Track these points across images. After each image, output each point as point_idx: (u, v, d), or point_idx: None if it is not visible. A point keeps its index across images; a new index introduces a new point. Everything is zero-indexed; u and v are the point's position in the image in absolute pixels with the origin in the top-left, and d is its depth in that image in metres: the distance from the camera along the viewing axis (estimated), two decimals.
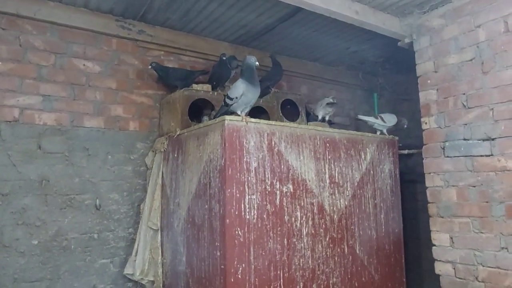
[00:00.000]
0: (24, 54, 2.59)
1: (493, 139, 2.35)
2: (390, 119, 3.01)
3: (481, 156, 2.41)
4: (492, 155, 2.36)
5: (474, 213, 2.44)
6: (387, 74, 4.23)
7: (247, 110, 2.29)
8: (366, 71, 4.28)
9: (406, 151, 3.16)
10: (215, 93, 2.84)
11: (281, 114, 3.15)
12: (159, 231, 2.71)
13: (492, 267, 2.34)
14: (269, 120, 2.92)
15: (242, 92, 2.20)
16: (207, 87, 2.88)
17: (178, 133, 2.60)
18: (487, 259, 2.37)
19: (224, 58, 2.97)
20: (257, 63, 2.21)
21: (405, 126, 3.17)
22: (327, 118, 3.23)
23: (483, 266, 2.39)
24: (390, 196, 2.89)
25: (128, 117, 2.94)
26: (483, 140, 2.40)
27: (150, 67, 2.89)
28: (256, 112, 3.00)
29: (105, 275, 2.71)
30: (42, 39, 2.66)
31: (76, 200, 2.66)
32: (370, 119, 2.99)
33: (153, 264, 2.68)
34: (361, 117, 3.06)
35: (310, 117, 3.30)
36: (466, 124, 2.50)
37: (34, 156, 2.54)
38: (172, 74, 2.95)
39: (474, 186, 2.45)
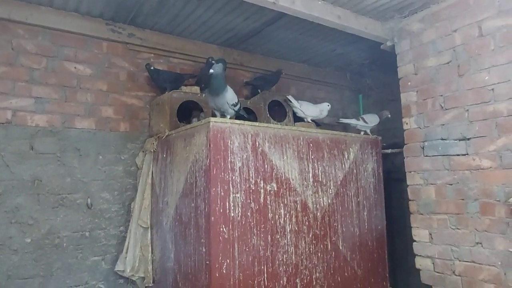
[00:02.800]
0: (16, 57, 2.66)
1: (468, 139, 2.46)
2: (372, 120, 3.10)
3: (457, 155, 2.52)
4: (467, 154, 2.46)
5: (451, 210, 2.55)
6: (374, 75, 4.33)
7: (229, 114, 2.45)
8: (354, 72, 4.38)
9: (389, 151, 3.26)
10: (203, 95, 2.92)
11: (268, 115, 3.24)
12: (149, 229, 2.80)
13: (467, 262, 2.45)
14: (257, 120, 3.03)
15: (208, 101, 2.51)
16: (196, 89, 2.97)
17: (166, 134, 2.69)
18: (463, 254, 2.47)
19: (213, 61, 3.04)
20: (211, 71, 2.42)
21: (389, 116, 3.24)
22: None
23: (460, 260, 2.50)
24: (373, 194, 2.99)
25: (118, 118, 3.02)
26: (459, 140, 2.51)
27: (151, 68, 2.98)
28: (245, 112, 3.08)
29: (97, 272, 2.80)
30: (34, 43, 2.73)
31: (68, 199, 2.73)
32: (351, 121, 3.08)
33: (143, 261, 2.77)
34: (342, 120, 3.12)
35: (297, 117, 3.40)
36: (443, 125, 2.60)
37: (27, 157, 2.62)
38: (161, 76, 3.04)
39: (451, 184, 2.55)
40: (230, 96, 2.41)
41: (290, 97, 3.10)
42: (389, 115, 3.22)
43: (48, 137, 2.71)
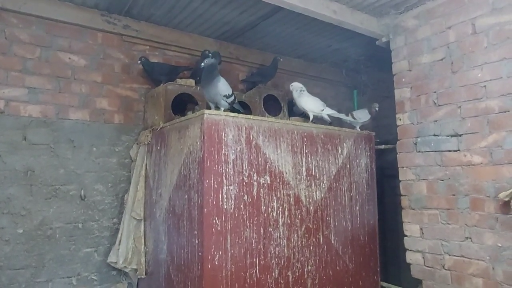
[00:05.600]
0: (9, 47, 2.64)
1: (460, 135, 2.49)
2: (361, 116, 3.09)
3: (449, 151, 2.55)
4: (459, 150, 2.49)
5: (442, 205, 2.59)
6: (369, 71, 4.35)
7: (222, 106, 2.45)
8: (349, 69, 4.39)
9: (382, 146, 3.28)
10: (198, 88, 2.91)
11: (263, 109, 3.24)
12: (142, 221, 2.80)
13: (457, 256, 2.49)
14: (252, 114, 3.03)
15: (203, 93, 2.53)
16: (191, 82, 2.96)
17: (161, 126, 2.69)
18: (453, 248, 2.51)
19: (209, 54, 3.04)
20: (202, 64, 2.50)
21: (377, 108, 3.21)
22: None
23: (449, 255, 2.53)
24: (366, 189, 3.01)
25: (113, 110, 3.01)
26: (451, 136, 2.54)
27: (139, 62, 2.97)
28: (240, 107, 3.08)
29: (90, 264, 2.80)
30: (27, 32, 2.70)
31: (61, 190, 2.72)
32: (341, 115, 3.07)
33: (136, 252, 2.77)
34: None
35: (292, 112, 3.41)
36: (436, 121, 2.63)
37: (20, 147, 2.60)
38: (156, 69, 3.03)
39: (443, 180, 2.58)
40: (222, 87, 2.41)
41: (331, 114, 3.02)
42: (377, 108, 3.22)
43: (41, 127, 2.69)
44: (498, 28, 2.31)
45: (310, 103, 2.99)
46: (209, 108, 2.51)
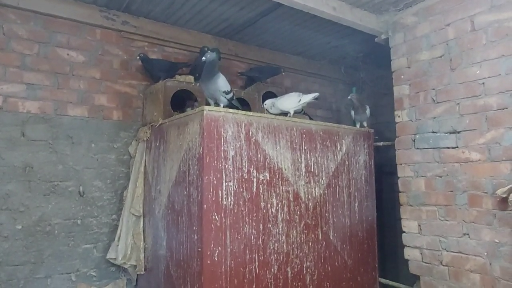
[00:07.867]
0: (7, 42, 2.62)
1: (458, 132, 2.50)
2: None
3: (448, 148, 2.56)
4: (457, 147, 2.50)
5: (440, 201, 2.60)
6: (368, 68, 4.35)
7: (222, 103, 2.46)
8: (348, 66, 4.39)
9: (381, 143, 3.29)
10: (197, 84, 2.91)
11: (262, 106, 3.24)
12: (141, 217, 2.80)
13: (455, 252, 2.51)
14: (251, 111, 3.03)
15: (202, 89, 2.52)
16: (190, 78, 2.96)
17: (160, 122, 2.68)
18: (451, 244, 2.53)
19: (208, 50, 3.02)
20: (203, 58, 2.48)
21: (353, 100, 3.18)
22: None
23: (447, 251, 2.55)
24: (365, 186, 3.02)
25: (112, 107, 3.00)
26: (450, 133, 2.55)
27: (138, 58, 2.97)
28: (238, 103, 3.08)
29: (89, 260, 2.80)
30: (26, 28, 2.69)
31: (60, 186, 2.72)
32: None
33: (135, 249, 2.78)
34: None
35: None
36: (434, 118, 2.64)
37: (18, 144, 2.59)
38: (155, 65, 3.02)
39: (441, 177, 2.60)
40: (222, 83, 2.42)
41: None
42: (354, 98, 3.19)
43: (40, 124, 2.68)
44: (497, 25, 2.31)
45: (286, 103, 2.88)
46: (208, 104, 2.51)
